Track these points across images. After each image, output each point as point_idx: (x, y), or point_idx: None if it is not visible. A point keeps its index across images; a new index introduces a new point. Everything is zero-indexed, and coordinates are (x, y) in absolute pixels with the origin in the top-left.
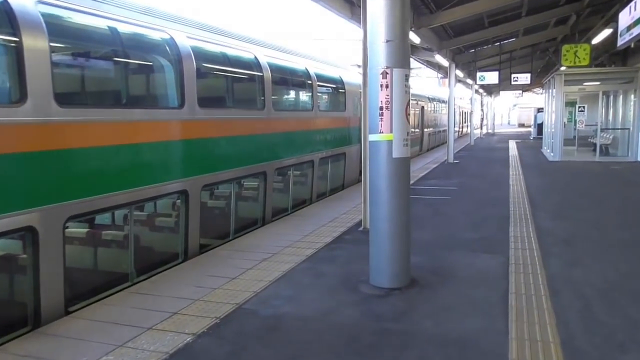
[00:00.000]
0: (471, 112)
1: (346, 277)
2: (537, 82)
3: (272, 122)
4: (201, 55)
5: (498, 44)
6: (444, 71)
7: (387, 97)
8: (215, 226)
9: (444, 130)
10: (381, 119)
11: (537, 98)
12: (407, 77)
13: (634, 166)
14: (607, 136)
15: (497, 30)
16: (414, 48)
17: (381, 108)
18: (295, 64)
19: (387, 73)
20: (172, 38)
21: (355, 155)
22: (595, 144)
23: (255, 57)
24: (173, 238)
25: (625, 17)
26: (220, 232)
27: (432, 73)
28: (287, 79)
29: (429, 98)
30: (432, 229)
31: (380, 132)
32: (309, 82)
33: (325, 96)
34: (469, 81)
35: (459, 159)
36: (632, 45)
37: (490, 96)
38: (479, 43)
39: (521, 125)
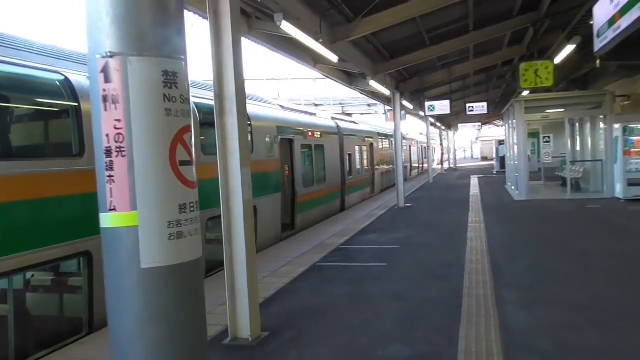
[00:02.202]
0: (427, 147)
1: None
2: (496, 113)
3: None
4: None
5: (447, 69)
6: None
7: (117, 125)
8: None
9: (404, 167)
10: (110, 179)
11: (499, 130)
12: (171, 79)
13: (613, 204)
14: (577, 169)
15: (441, 49)
16: (351, 77)
17: (108, 151)
18: None
19: (114, 69)
20: None
21: (272, 208)
22: (564, 179)
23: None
24: None
25: (604, 9)
26: None
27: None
28: None
29: (379, 134)
30: (340, 337)
31: (110, 210)
32: None
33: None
34: (422, 113)
35: (412, 202)
36: (598, 65)
37: (450, 130)
38: (423, 67)
39: (484, 158)
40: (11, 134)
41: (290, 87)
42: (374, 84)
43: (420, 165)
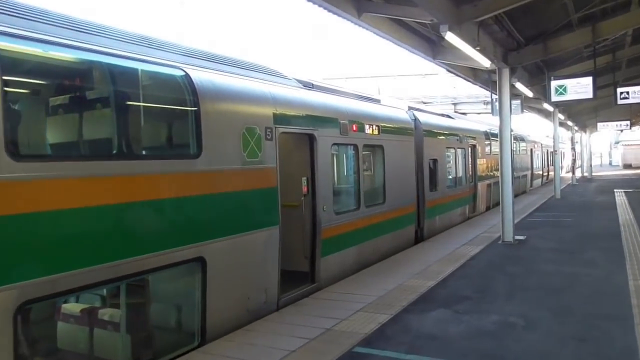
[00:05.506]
0: (555, 151)
1: None
2: None
3: None
4: None
5: (589, 26)
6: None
7: None
8: None
9: (523, 176)
10: None
11: None
12: None
13: None
14: None
15: None
16: (434, 45)
17: None
18: None
19: None
20: None
21: (247, 258)
22: None
23: None
24: None
25: None
26: None
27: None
28: None
29: (486, 133)
30: None
31: None
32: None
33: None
34: (546, 106)
35: (527, 231)
36: None
37: (584, 131)
38: (549, 24)
39: (627, 166)
40: None
41: (396, 84)
42: (454, 39)
43: (545, 174)
